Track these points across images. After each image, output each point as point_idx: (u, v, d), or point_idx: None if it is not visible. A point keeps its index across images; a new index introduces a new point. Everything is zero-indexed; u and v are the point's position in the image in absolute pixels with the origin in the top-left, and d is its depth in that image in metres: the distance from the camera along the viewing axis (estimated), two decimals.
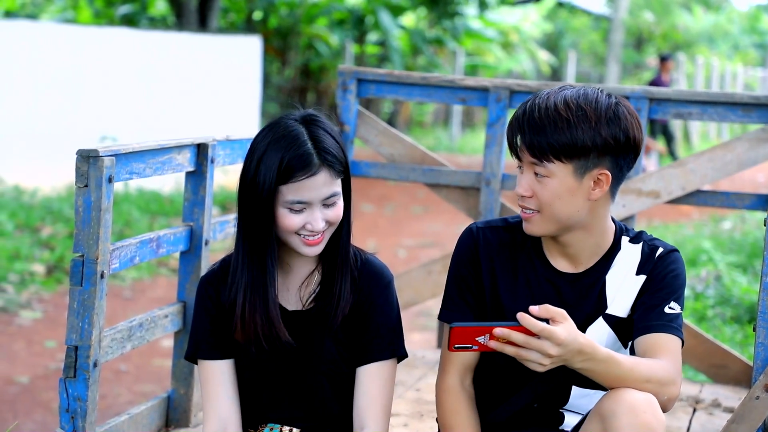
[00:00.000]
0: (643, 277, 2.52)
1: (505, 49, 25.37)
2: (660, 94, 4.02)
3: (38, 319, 7.40)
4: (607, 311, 2.53)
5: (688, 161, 4.07)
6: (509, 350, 2.21)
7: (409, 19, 23.30)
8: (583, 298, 2.52)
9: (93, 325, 2.70)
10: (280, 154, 2.42)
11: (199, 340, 2.58)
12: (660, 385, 2.34)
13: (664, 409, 2.36)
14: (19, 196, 10.86)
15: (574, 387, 2.55)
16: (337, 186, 2.49)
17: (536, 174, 2.44)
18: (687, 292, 7.52)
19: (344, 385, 2.58)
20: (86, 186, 2.67)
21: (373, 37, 22.36)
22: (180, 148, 3.12)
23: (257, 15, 20.96)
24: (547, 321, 2.21)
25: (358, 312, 2.56)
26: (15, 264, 8.44)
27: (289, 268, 2.57)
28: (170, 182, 12.10)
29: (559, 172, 2.42)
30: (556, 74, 29.10)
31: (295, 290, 2.58)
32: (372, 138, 4.32)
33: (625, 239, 2.57)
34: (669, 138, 16.59)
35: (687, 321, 4.17)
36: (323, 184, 2.45)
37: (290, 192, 2.43)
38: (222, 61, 14.00)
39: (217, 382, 2.55)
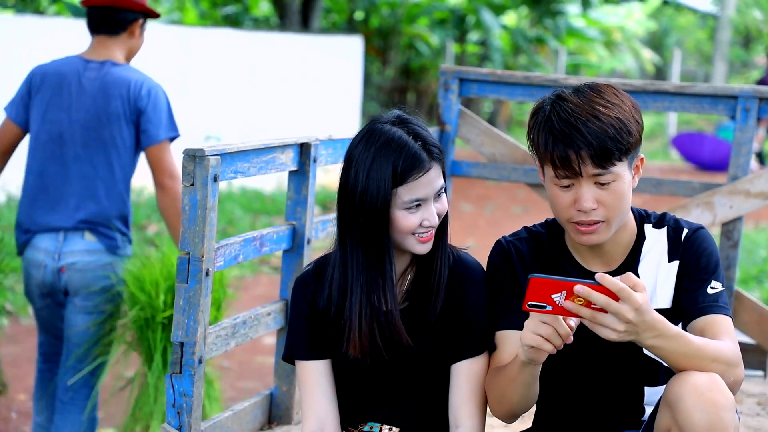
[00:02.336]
0: (676, 263, 2.49)
1: (607, 47, 25.04)
2: None
3: None
4: (652, 305, 2.49)
5: None
6: (585, 313, 2.16)
7: (510, 18, 23.16)
8: None
9: (198, 322, 2.74)
10: (391, 160, 2.43)
11: (296, 341, 2.60)
12: (727, 365, 2.30)
13: (732, 392, 2.30)
14: None
15: (646, 388, 2.52)
16: (442, 176, 2.51)
17: (599, 183, 2.39)
18: None
19: (439, 382, 2.58)
20: (192, 185, 2.71)
21: (473, 36, 22.29)
22: (283, 147, 3.15)
23: (359, 15, 21.06)
24: None
25: (451, 308, 2.56)
26: None
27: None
28: (272, 181, 12.23)
29: (621, 170, 2.39)
30: (660, 73, 28.64)
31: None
32: (473, 138, 4.30)
33: (648, 226, 2.54)
34: None
35: None
36: (435, 177, 2.48)
37: (406, 192, 2.45)
38: (324, 61, 14.11)
39: (315, 382, 2.57)
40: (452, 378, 2.57)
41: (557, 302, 2.18)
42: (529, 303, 2.19)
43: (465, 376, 2.55)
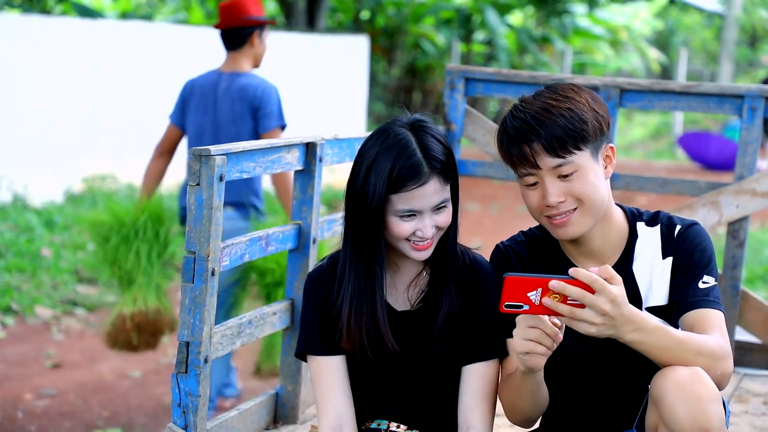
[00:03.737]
0: (670, 260, 2.49)
1: (613, 47, 25.03)
2: None
3: None
4: (648, 303, 2.49)
5: None
6: (562, 309, 2.16)
7: (516, 17, 23.15)
8: None
9: (204, 321, 2.74)
10: (390, 164, 2.42)
11: (310, 336, 2.59)
12: (713, 359, 2.29)
13: (719, 386, 2.30)
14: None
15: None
16: (447, 192, 2.48)
17: (561, 175, 2.41)
18: None
19: (450, 384, 2.58)
20: (198, 184, 2.71)
21: (479, 36, 22.28)
22: (289, 147, 3.15)
23: (364, 15, 21.07)
24: None
25: (466, 311, 2.55)
26: None
27: (397, 268, 2.58)
28: None
29: (583, 161, 2.41)
30: (666, 72, 28.60)
31: (403, 290, 2.58)
32: (479, 137, 4.30)
33: (640, 224, 2.54)
34: None
35: None
36: (433, 192, 2.45)
37: (401, 201, 2.43)
38: (329, 60, 14.11)
39: (331, 378, 2.56)
40: (463, 380, 2.57)
41: (533, 301, 2.17)
42: (506, 304, 2.17)
43: (477, 379, 2.55)
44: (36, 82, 10.46)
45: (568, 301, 2.17)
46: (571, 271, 2.16)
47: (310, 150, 3.26)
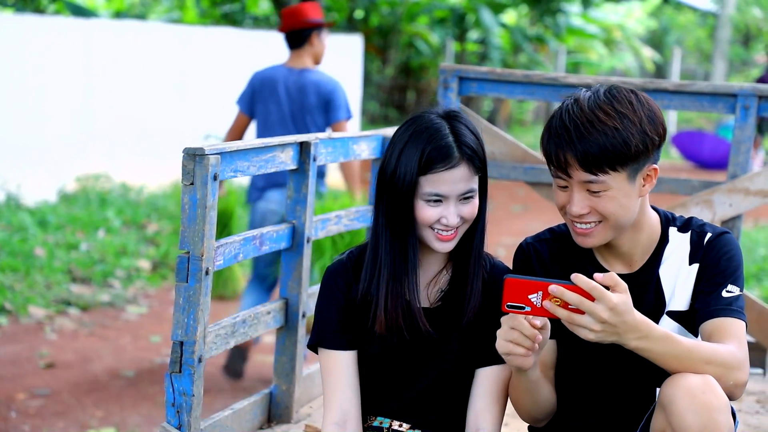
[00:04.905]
0: (696, 266, 2.48)
1: (607, 46, 25.05)
2: None
3: (144, 314, 7.56)
4: (670, 308, 2.48)
5: None
6: (561, 313, 2.17)
7: (510, 16, 23.16)
8: (642, 296, 2.46)
9: (198, 321, 2.73)
10: (421, 146, 2.44)
11: (325, 329, 2.59)
12: (725, 368, 2.28)
13: (732, 397, 2.30)
14: (125, 193, 11.10)
15: (658, 390, 2.51)
16: (475, 183, 2.50)
17: (590, 191, 2.38)
18: None
19: (460, 384, 2.58)
20: (192, 183, 2.70)
21: (473, 35, 22.28)
22: (283, 146, 3.15)
23: (358, 14, 21.06)
24: (608, 289, 2.18)
25: (485, 315, 2.55)
26: (122, 260, 8.63)
27: (419, 264, 2.57)
28: None
29: (615, 182, 2.37)
30: (660, 71, 28.63)
31: (423, 287, 2.58)
32: None
33: (672, 230, 2.52)
34: None
35: None
36: (461, 178, 2.46)
37: (428, 184, 2.45)
38: (324, 59, 14.08)
39: (340, 373, 2.56)
40: (476, 382, 2.57)
41: (534, 303, 2.18)
42: (508, 304, 2.19)
43: (491, 382, 2.55)
44: (29, 82, 10.44)
45: (569, 307, 2.17)
46: (573, 276, 2.16)
47: (303, 149, 3.26)
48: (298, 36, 5.93)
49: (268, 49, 13.42)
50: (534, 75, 4.21)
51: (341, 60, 14.39)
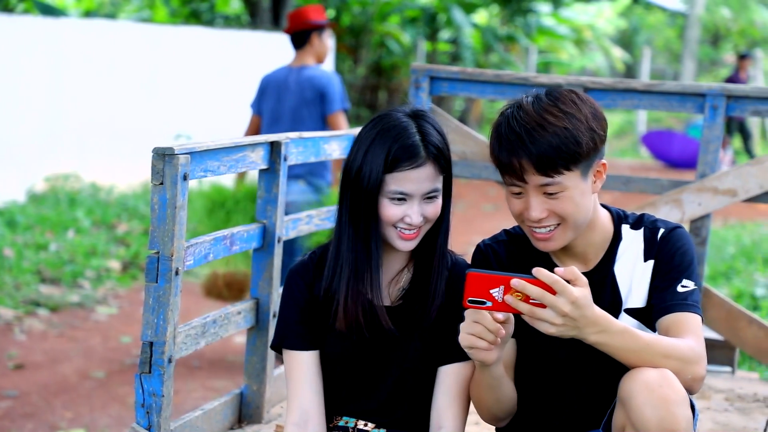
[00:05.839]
0: (651, 262, 2.49)
1: (578, 46, 25.16)
2: (737, 91, 3.95)
3: (114, 314, 7.51)
4: (627, 305, 2.50)
5: (765, 159, 4.00)
6: (523, 307, 2.18)
7: (481, 16, 23.21)
8: (598, 295, 2.46)
9: (168, 321, 2.72)
10: (387, 144, 2.45)
11: (287, 330, 2.59)
12: (683, 362, 2.30)
13: (690, 391, 2.31)
14: (95, 193, 11.04)
15: None
16: (439, 183, 2.51)
17: (547, 193, 2.39)
18: (763, 291, 7.39)
19: (422, 383, 2.58)
20: (162, 183, 2.69)
21: (445, 34, 22.32)
22: (254, 145, 3.14)
23: (330, 13, 21.04)
24: (569, 283, 2.19)
25: (447, 311, 2.56)
26: (92, 260, 8.58)
27: (381, 262, 2.57)
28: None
29: (571, 182, 2.39)
30: (630, 71, 28.79)
31: (384, 286, 2.58)
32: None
33: (625, 227, 2.54)
34: (746, 136, 16.34)
35: (764, 319, 4.10)
36: (426, 177, 2.47)
37: (394, 182, 2.46)
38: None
39: (301, 373, 2.57)
40: (439, 380, 2.57)
41: (496, 297, 2.18)
42: (469, 299, 2.19)
43: (453, 379, 2.56)
44: None
45: (530, 301, 2.18)
46: (534, 270, 2.17)
47: (274, 149, 3.26)
48: (301, 37, 6.27)
49: (239, 48, 13.40)
50: (505, 75, 4.23)
51: None
